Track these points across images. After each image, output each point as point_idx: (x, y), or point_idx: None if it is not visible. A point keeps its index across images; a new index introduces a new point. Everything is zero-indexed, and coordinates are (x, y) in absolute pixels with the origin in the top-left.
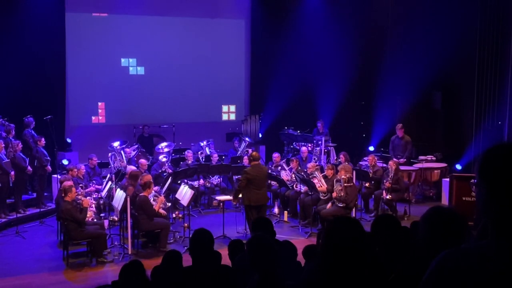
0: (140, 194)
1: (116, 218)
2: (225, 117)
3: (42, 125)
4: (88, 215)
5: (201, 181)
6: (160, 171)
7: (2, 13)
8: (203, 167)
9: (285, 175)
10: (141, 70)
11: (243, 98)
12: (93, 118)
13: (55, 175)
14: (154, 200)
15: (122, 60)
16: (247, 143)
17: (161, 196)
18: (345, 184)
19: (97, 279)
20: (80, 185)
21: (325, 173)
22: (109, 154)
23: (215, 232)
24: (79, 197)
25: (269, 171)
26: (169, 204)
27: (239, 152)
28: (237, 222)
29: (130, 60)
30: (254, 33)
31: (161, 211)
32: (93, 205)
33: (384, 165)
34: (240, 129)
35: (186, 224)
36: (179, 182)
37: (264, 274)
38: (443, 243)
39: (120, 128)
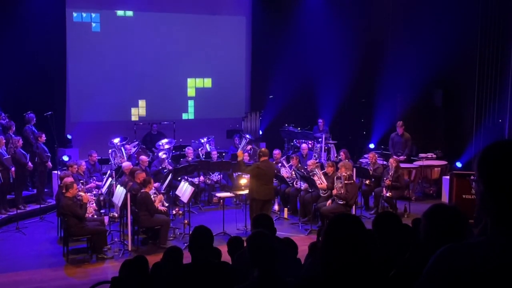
0: (142, 191)
1: (116, 215)
2: (225, 114)
3: (42, 121)
4: (88, 212)
5: (201, 178)
6: (160, 167)
7: (3, 9)
8: (203, 164)
9: (285, 172)
10: (141, 68)
11: (244, 95)
12: (94, 114)
13: (56, 171)
14: (153, 197)
15: (122, 56)
16: (248, 140)
17: (160, 194)
18: (345, 182)
19: (97, 275)
20: (81, 181)
21: (325, 170)
22: (110, 150)
23: (215, 228)
24: (79, 193)
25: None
26: (167, 204)
27: (239, 149)
28: (237, 219)
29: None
30: (255, 30)
31: (161, 207)
32: (93, 202)
33: (385, 162)
34: (240, 126)
35: (186, 221)
36: (179, 178)
37: (264, 270)
38: (444, 240)
39: (120, 124)
